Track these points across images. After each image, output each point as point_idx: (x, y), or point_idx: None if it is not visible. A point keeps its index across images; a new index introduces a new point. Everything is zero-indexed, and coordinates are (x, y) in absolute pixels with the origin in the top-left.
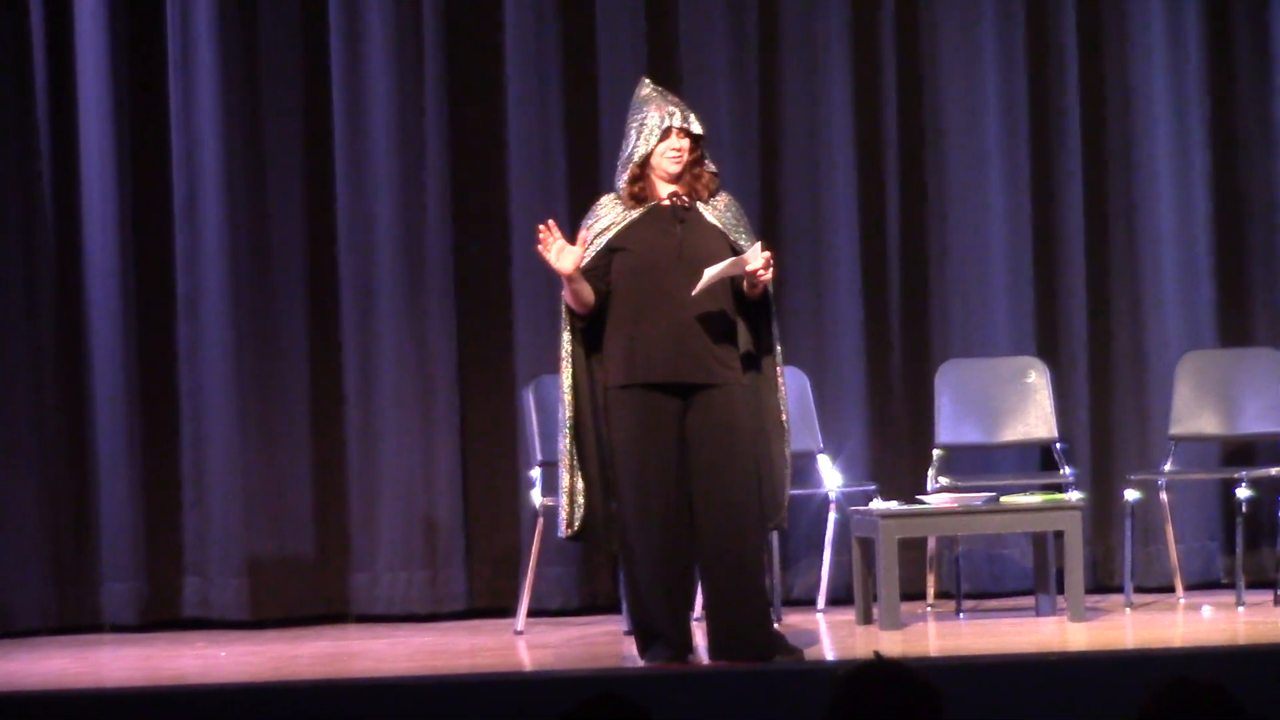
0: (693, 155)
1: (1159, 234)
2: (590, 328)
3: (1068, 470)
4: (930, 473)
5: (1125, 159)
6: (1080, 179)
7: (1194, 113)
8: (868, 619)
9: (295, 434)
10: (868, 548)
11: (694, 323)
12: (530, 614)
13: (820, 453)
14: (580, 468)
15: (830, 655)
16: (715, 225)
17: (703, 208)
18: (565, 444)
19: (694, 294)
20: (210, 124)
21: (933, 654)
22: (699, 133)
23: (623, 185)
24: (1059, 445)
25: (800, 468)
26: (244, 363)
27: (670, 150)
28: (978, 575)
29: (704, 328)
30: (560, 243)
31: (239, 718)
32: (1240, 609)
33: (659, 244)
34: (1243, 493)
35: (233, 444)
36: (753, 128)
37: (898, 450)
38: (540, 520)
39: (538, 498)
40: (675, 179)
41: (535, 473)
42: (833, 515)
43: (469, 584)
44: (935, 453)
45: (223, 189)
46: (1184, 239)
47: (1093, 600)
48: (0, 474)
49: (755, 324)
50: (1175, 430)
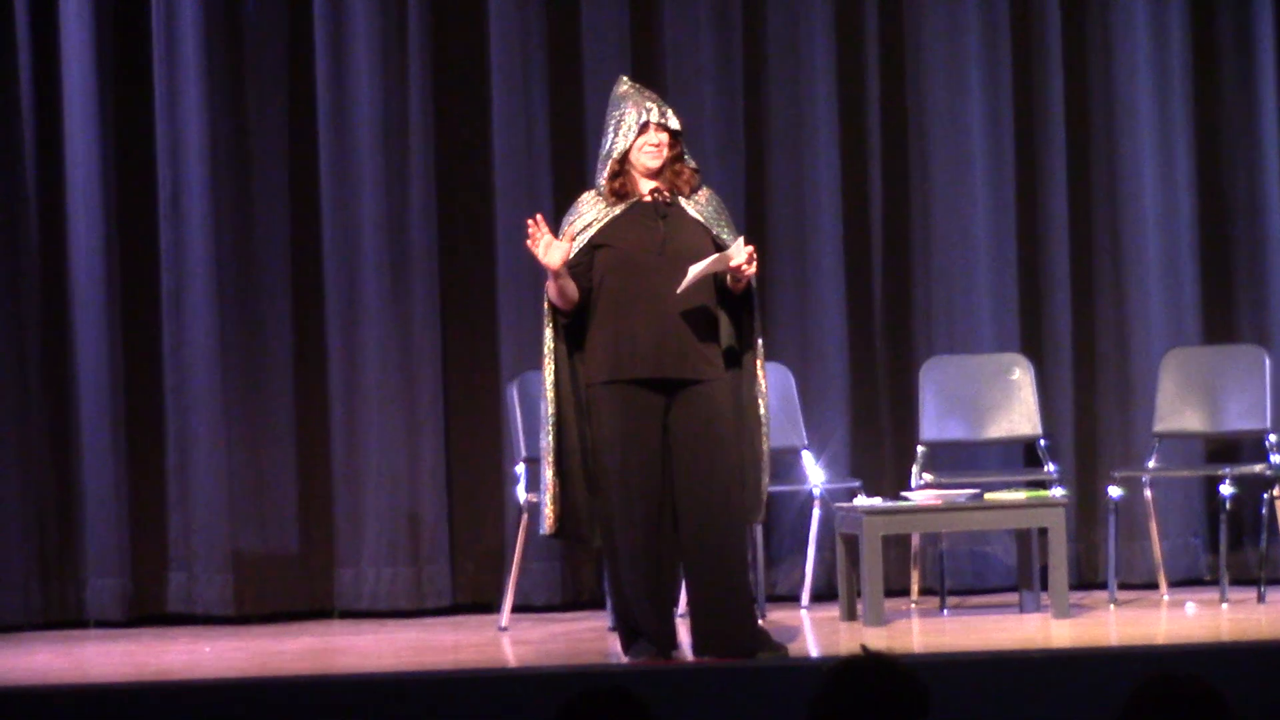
0: (673, 151)
1: (1143, 231)
2: (572, 324)
3: (1051, 467)
4: (914, 469)
5: (1109, 156)
6: (1064, 176)
7: (1177, 110)
8: (852, 615)
9: (280, 430)
10: (852, 544)
11: (678, 318)
12: (514, 610)
13: (804, 449)
14: (562, 465)
15: (814, 652)
16: (698, 220)
17: (685, 203)
18: (548, 442)
19: (679, 291)
20: (195, 120)
21: (917, 651)
22: (676, 128)
23: (603, 182)
24: (1043, 442)
25: (784, 464)
26: (229, 358)
27: (648, 145)
28: (962, 572)
29: (688, 323)
30: (548, 238)
31: (224, 713)
32: (1224, 606)
33: (642, 239)
34: (1226, 489)
35: (217, 440)
36: (737, 125)
37: (882, 447)
38: (524, 516)
39: (522, 494)
40: (655, 174)
41: (519, 469)
42: (816, 511)
43: (453, 580)
44: (919, 449)
45: (207, 185)
46: (1167, 236)
47: (1076, 597)
48: None
49: (737, 319)
50: (1159, 427)
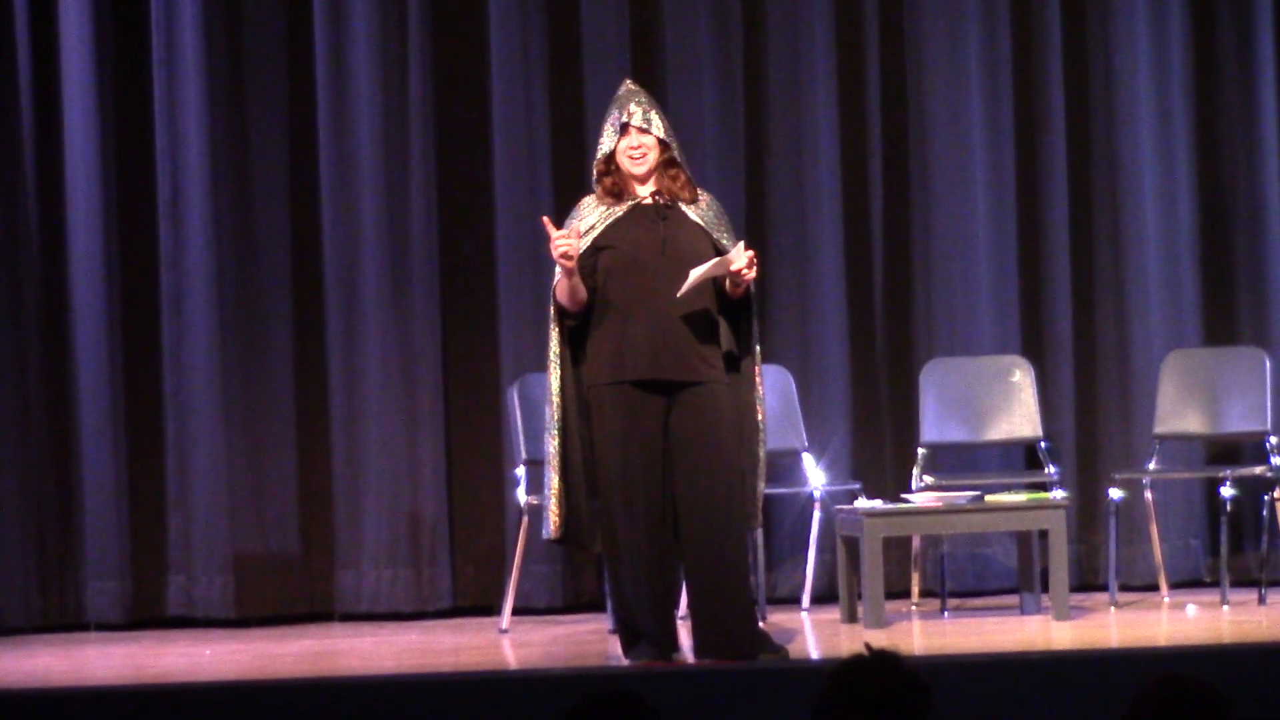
0: (663, 156)
1: (1143, 233)
2: (574, 327)
3: (1052, 469)
4: (915, 471)
5: (1109, 158)
6: (1065, 178)
7: (1178, 112)
8: (852, 618)
9: (280, 432)
10: (852, 546)
11: (679, 321)
12: (515, 613)
13: (805, 451)
14: (565, 470)
15: (815, 654)
16: (698, 223)
17: (685, 206)
18: (554, 447)
19: (680, 294)
20: (194, 120)
21: (917, 653)
22: (660, 134)
23: (596, 182)
24: (1043, 444)
25: (785, 466)
26: (228, 361)
27: (629, 149)
28: (962, 574)
29: (689, 326)
30: (570, 237)
31: (224, 716)
32: (1224, 608)
33: (643, 241)
34: (1227, 491)
35: (217, 442)
36: (737, 127)
37: (882, 449)
38: (525, 519)
39: (522, 496)
40: (644, 179)
41: (520, 471)
42: (817, 514)
43: (454, 582)
44: (920, 451)
45: (207, 186)
46: (1168, 238)
47: (1077, 599)
48: None
49: (736, 323)
50: (1159, 429)
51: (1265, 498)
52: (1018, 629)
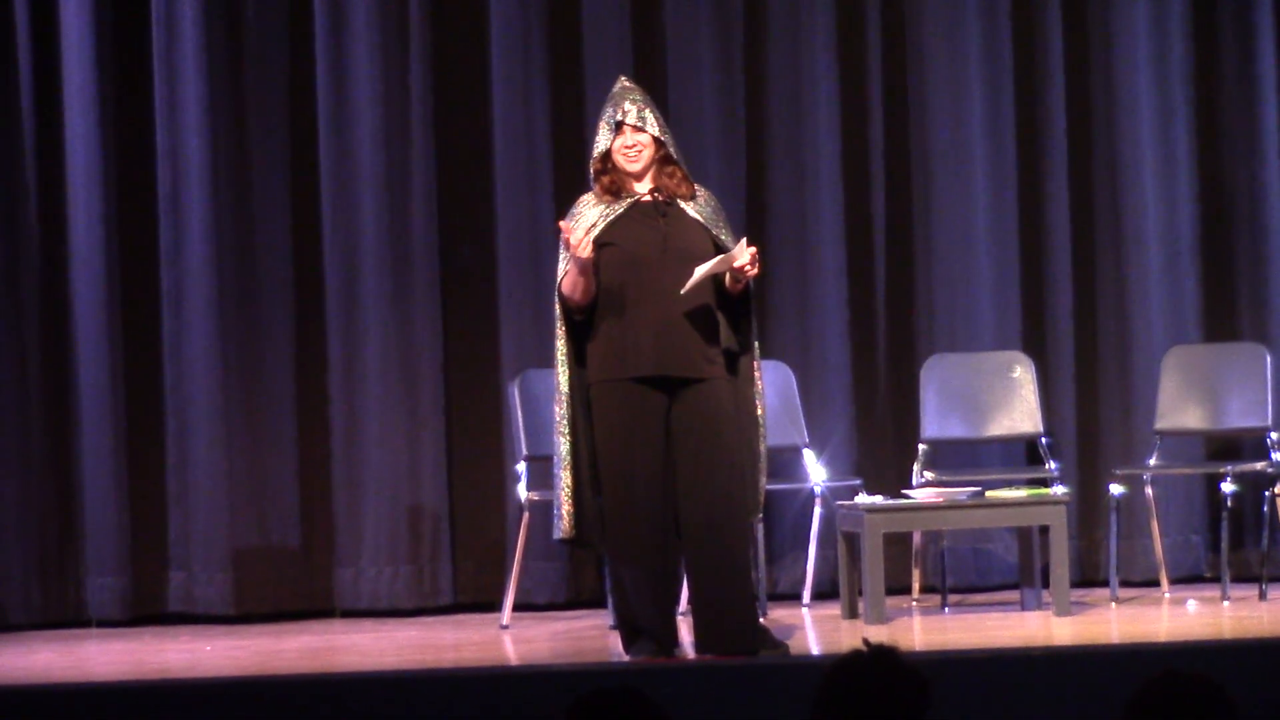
0: (658, 154)
1: (1144, 229)
2: (577, 325)
3: (1053, 465)
4: (915, 467)
5: (1110, 154)
6: (1065, 174)
7: (1179, 108)
8: (853, 613)
9: (280, 428)
10: (853, 542)
11: (680, 318)
12: (516, 609)
13: (805, 447)
14: (574, 469)
15: (815, 650)
16: (697, 219)
17: (683, 203)
18: (565, 447)
19: (683, 292)
20: (195, 118)
21: (918, 648)
22: (655, 132)
23: (593, 181)
24: (1044, 440)
25: (785, 462)
26: (228, 357)
27: (624, 147)
28: (963, 570)
29: (691, 323)
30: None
31: (224, 712)
32: (1225, 603)
33: (644, 239)
34: (1227, 487)
35: (217, 438)
36: (738, 124)
37: (883, 445)
38: (526, 515)
39: (523, 492)
40: (639, 177)
41: (521, 467)
42: (818, 510)
43: (454, 579)
44: (920, 447)
45: (207, 183)
46: (1169, 234)
47: (1078, 595)
48: None
49: (735, 317)
50: (1160, 425)
51: (1266, 493)
52: (1018, 625)
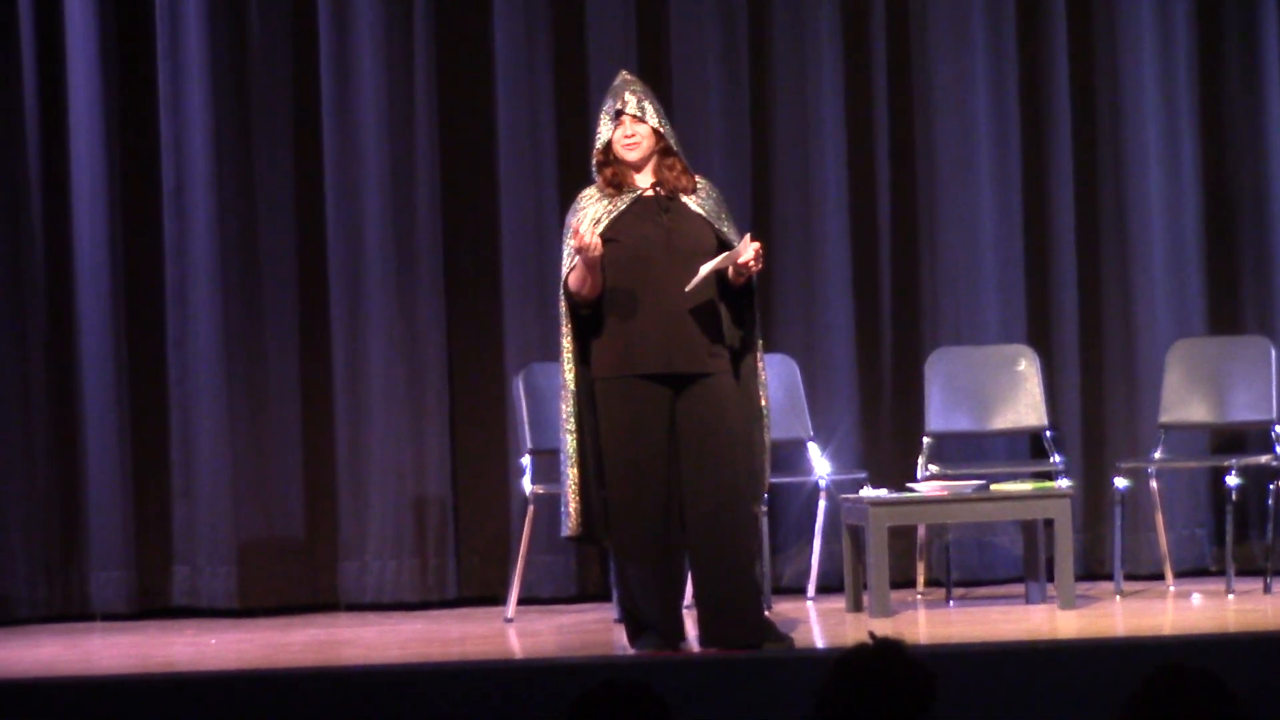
0: (658, 145)
1: (1149, 222)
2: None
3: (1057, 458)
4: (920, 460)
5: (1114, 148)
6: (1070, 168)
7: (1183, 102)
8: (858, 607)
9: (285, 422)
10: (858, 535)
11: (685, 313)
12: (520, 602)
13: (810, 440)
14: (580, 465)
15: (820, 643)
16: (700, 214)
17: (685, 198)
18: (572, 443)
19: (688, 289)
20: (199, 112)
21: (922, 642)
22: (654, 123)
23: (596, 173)
24: (1049, 433)
25: (790, 455)
26: (233, 351)
27: (624, 137)
28: (968, 563)
29: (696, 319)
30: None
31: (229, 706)
32: (1230, 597)
33: (647, 234)
34: (1232, 480)
35: (222, 432)
36: (743, 117)
37: (888, 438)
38: (531, 508)
39: (528, 486)
40: (639, 167)
41: (525, 461)
42: (823, 503)
43: (459, 572)
44: (925, 440)
45: (211, 177)
46: (1174, 227)
47: (1082, 588)
48: None
49: (737, 313)
50: (1165, 418)
51: (1270, 486)
52: (1023, 618)
